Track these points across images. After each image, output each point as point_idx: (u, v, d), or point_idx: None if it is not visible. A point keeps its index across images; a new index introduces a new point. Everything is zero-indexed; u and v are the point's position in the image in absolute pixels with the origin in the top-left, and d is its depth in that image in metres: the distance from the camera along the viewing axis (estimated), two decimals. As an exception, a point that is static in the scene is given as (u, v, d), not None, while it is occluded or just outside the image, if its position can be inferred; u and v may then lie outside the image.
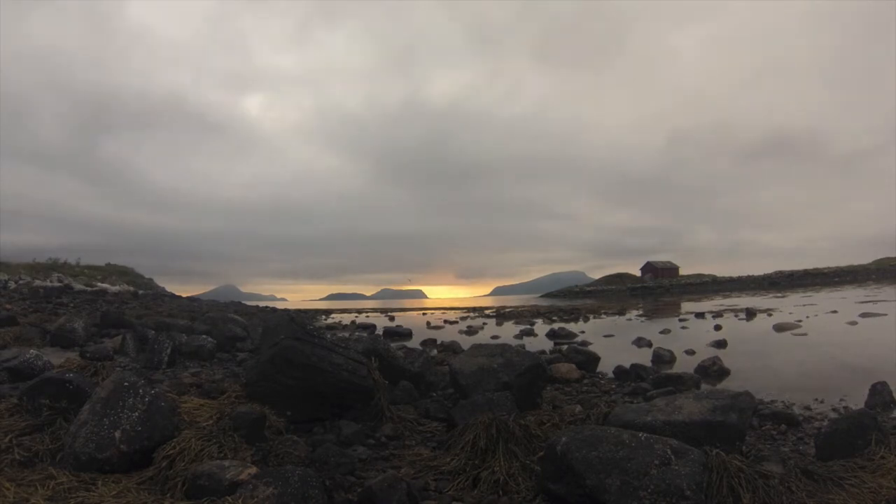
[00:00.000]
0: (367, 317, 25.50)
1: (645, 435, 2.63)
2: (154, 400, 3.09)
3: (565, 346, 9.10)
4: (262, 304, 42.84)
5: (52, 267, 30.25)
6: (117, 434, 2.86)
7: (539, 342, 11.51)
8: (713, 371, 6.84)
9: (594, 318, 20.28)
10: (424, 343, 11.75)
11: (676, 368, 7.20)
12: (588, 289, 74.60)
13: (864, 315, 14.16)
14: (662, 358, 8.28)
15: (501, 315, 23.97)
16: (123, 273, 39.01)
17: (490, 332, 15.17)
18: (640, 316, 21.12)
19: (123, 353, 7.05)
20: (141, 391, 3.10)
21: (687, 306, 26.33)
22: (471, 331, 15.50)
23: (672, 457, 2.45)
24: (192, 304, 25.64)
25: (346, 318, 23.98)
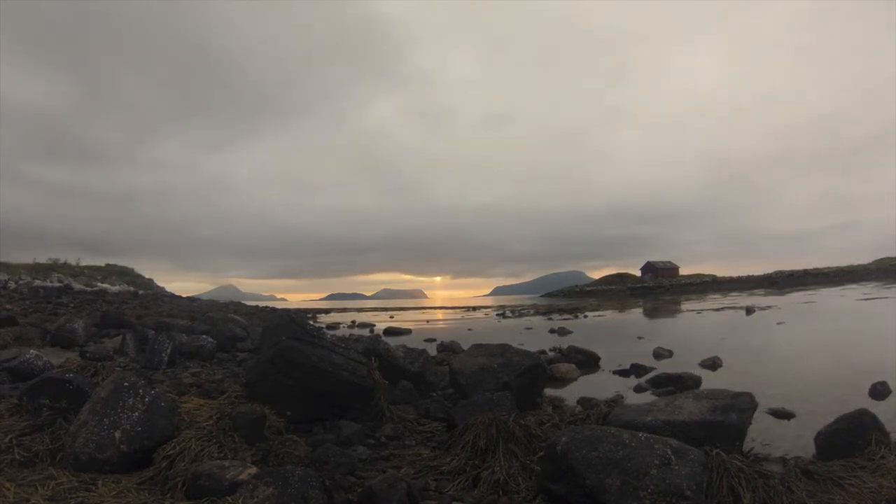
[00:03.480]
0: (368, 316, 25.54)
1: (645, 435, 2.63)
2: (154, 400, 3.10)
3: (565, 346, 9.11)
4: (262, 304, 42.86)
5: (52, 267, 30.26)
6: (117, 434, 2.86)
7: (539, 341, 11.51)
8: (713, 370, 6.85)
9: (594, 317, 20.30)
10: (424, 342, 11.76)
11: (676, 367, 7.19)
12: (588, 289, 74.65)
13: (864, 314, 14.19)
14: (662, 357, 8.29)
15: (501, 314, 24.01)
16: (123, 273, 39.01)
17: (490, 331, 15.17)
18: (641, 315, 21.15)
19: (123, 354, 7.05)
20: (141, 391, 3.10)
21: (687, 305, 26.37)
22: (471, 330, 15.50)
23: (672, 457, 2.45)
24: (192, 305, 25.67)
25: (346, 318, 24.00)
